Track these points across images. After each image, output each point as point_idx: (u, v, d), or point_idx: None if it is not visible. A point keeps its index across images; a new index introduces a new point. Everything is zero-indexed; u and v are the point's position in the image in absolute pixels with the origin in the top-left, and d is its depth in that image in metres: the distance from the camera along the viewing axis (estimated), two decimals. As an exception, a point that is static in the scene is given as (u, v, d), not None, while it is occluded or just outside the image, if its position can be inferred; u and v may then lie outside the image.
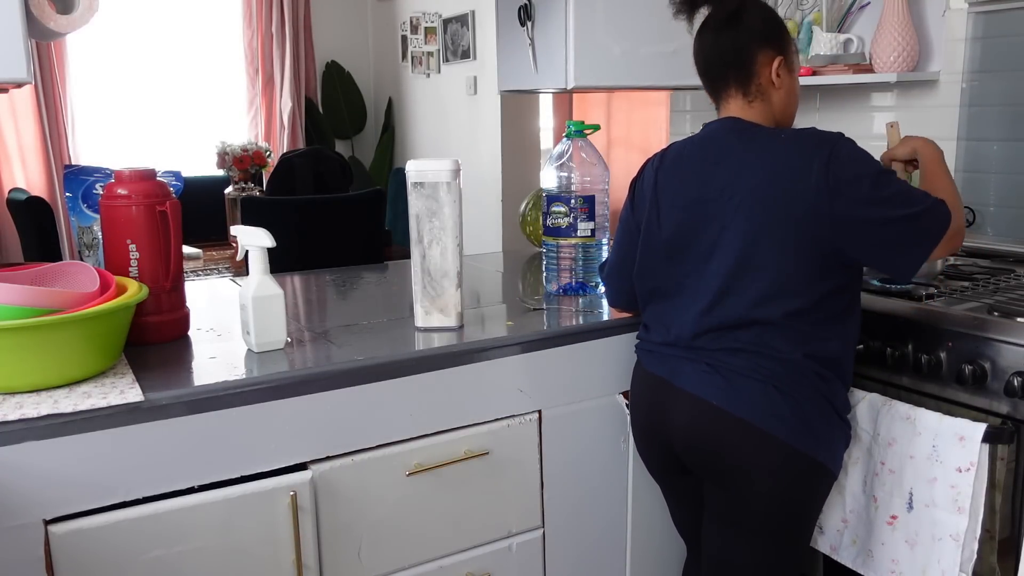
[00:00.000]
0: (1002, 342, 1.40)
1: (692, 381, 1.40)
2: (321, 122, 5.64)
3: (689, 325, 1.42)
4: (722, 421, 1.36)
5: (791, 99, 1.50)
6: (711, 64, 1.48)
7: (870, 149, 1.36)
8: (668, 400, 1.44)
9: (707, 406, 1.38)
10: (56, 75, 4.69)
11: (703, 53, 1.49)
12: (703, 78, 1.51)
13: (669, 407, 1.44)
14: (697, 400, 1.39)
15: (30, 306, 1.18)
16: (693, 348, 1.42)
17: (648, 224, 1.50)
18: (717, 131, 1.47)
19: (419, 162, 1.51)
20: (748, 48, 1.44)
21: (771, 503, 1.38)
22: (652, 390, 1.49)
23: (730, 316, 1.38)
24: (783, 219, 1.33)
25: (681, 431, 1.43)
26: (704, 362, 1.40)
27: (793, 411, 1.35)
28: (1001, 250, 1.96)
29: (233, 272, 3.28)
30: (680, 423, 1.43)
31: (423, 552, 1.48)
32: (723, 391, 1.37)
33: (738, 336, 1.38)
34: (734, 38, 1.44)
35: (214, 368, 1.34)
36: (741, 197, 1.37)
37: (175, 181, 1.57)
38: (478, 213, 4.49)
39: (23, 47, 1.28)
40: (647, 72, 2.10)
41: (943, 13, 2.06)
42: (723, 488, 1.42)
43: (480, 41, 4.59)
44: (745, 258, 1.36)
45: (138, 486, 1.21)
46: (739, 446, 1.36)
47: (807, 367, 1.36)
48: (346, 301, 1.93)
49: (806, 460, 1.36)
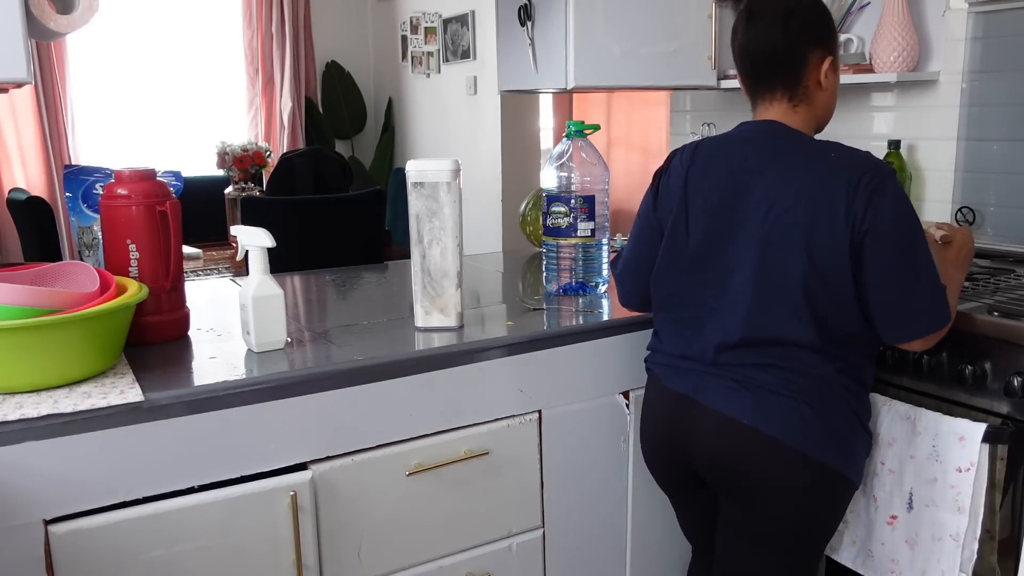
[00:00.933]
0: (1002, 342, 1.40)
1: (718, 398, 1.34)
2: (321, 122, 5.64)
3: (713, 340, 1.36)
4: (752, 440, 1.31)
5: (834, 100, 1.42)
6: (757, 62, 1.36)
7: (870, 149, 1.36)
8: (692, 418, 1.38)
9: (736, 424, 1.32)
10: (56, 75, 4.69)
11: (748, 48, 1.37)
12: (745, 75, 1.41)
13: (693, 425, 1.38)
14: (725, 418, 1.33)
15: (30, 306, 1.18)
16: (717, 364, 1.36)
17: (675, 228, 1.41)
18: (759, 135, 1.38)
19: (419, 162, 1.51)
20: (800, 49, 1.33)
21: (797, 519, 1.36)
22: (672, 407, 1.42)
23: (759, 334, 1.32)
24: (814, 240, 1.27)
25: (706, 449, 1.37)
26: (730, 378, 1.34)
27: (824, 427, 1.31)
28: (1001, 250, 1.96)
29: (233, 272, 3.28)
30: (705, 441, 1.37)
31: (423, 552, 1.48)
32: (752, 408, 1.31)
33: (767, 352, 1.32)
34: (786, 36, 1.33)
35: (214, 368, 1.34)
36: (778, 213, 1.29)
37: (175, 181, 1.57)
38: (478, 213, 4.49)
39: (23, 47, 1.28)
40: (647, 72, 2.11)
41: (943, 13, 2.06)
42: (746, 504, 1.38)
43: (480, 41, 4.59)
44: (775, 275, 1.30)
45: (138, 486, 1.21)
46: (769, 465, 1.32)
47: (838, 382, 1.32)
48: (346, 301, 1.93)
49: (835, 476, 1.33)
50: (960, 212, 2.07)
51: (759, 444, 1.31)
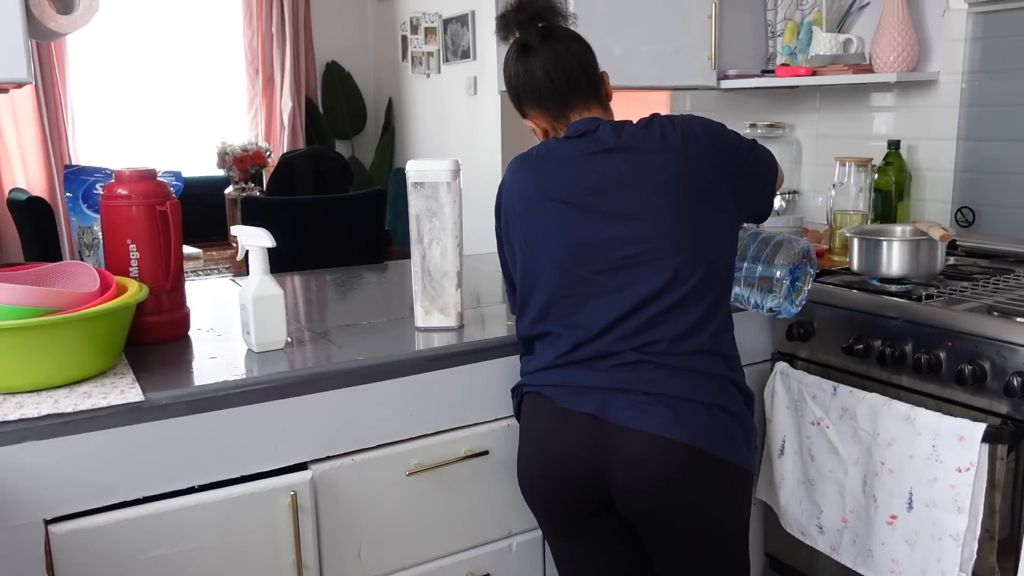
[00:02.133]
0: (1002, 342, 1.40)
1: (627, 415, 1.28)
2: (321, 122, 5.64)
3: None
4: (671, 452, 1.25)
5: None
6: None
7: (870, 150, 1.36)
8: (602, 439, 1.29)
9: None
10: (56, 75, 4.69)
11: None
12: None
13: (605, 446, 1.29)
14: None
15: (30, 306, 1.19)
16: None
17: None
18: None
19: (419, 162, 1.51)
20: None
21: (727, 524, 1.33)
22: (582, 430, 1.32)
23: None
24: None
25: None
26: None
27: (737, 431, 1.30)
28: (1001, 250, 1.96)
29: (233, 272, 3.28)
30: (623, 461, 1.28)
31: (423, 552, 1.48)
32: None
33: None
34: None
35: (214, 368, 1.34)
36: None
37: (175, 181, 1.57)
38: (478, 213, 4.48)
39: (23, 47, 1.28)
40: (647, 72, 2.11)
41: (943, 13, 2.06)
42: (672, 530, 1.32)
43: (480, 41, 4.59)
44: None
45: (138, 486, 1.22)
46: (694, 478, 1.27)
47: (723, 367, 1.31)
48: (346, 301, 1.93)
49: (746, 474, 1.31)
50: (960, 212, 2.07)
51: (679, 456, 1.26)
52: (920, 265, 1.69)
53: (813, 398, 1.64)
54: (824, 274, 1.83)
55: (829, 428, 1.61)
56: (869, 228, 1.91)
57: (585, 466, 1.29)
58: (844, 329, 1.67)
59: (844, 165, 2.07)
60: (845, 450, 1.58)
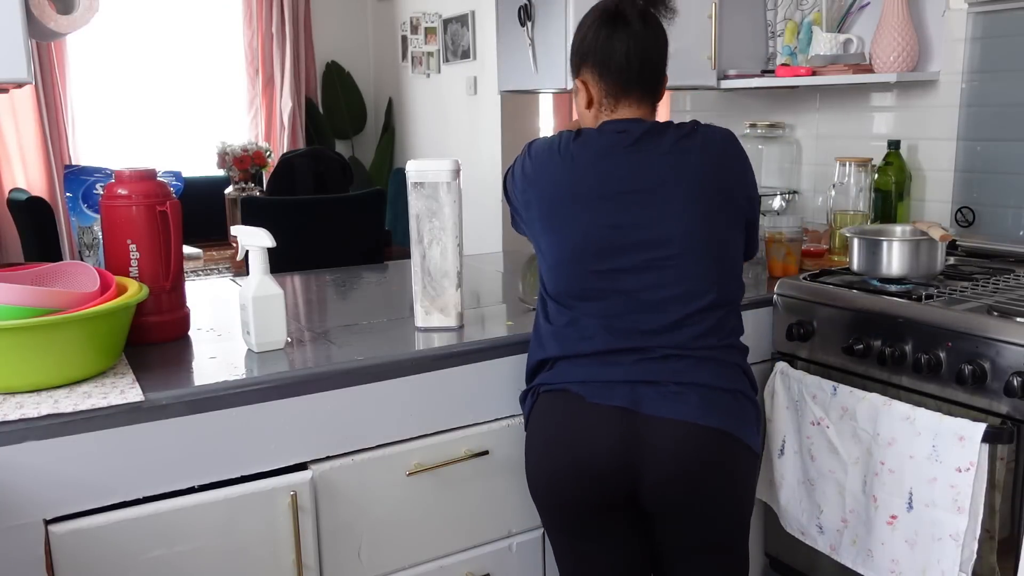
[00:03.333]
0: (1002, 342, 1.40)
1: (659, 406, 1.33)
2: (321, 122, 5.64)
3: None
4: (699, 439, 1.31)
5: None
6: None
7: (870, 150, 1.36)
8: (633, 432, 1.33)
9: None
10: (56, 75, 4.69)
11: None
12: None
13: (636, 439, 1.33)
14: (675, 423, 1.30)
15: (30, 306, 1.19)
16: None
17: None
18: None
19: (419, 162, 1.51)
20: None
21: (743, 509, 1.41)
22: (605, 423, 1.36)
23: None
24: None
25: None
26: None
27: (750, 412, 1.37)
28: (1001, 250, 1.96)
29: (233, 272, 3.28)
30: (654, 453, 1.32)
31: (423, 552, 1.48)
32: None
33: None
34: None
35: (214, 368, 1.34)
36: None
37: (175, 181, 1.57)
38: (478, 213, 4.49)
39: (23, 47, 1.28)
40: (647, 72, 2.10)
41: (943, 13, 2.06)
42: (695, 517, 1.36)
43: (480, 41, 4.59)
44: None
45: (138, 486, 1.22)
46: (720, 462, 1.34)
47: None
48: (346, 301, 1.93)
49: (758, 457, 1.41)
50: (960, 212, 2.07)
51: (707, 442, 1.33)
52: (920, 265, 1.69)
53: (813, 398, 1.64)
54: (824, 274, 1.83)
55: (829, 428, 1.61)
56: (869, 228, 1.91)
57: (616, 458, 1.30)
58: (844, 329, 1.67)
59: (844, 165, 2.07)
60: (845, 450, 1.58)
